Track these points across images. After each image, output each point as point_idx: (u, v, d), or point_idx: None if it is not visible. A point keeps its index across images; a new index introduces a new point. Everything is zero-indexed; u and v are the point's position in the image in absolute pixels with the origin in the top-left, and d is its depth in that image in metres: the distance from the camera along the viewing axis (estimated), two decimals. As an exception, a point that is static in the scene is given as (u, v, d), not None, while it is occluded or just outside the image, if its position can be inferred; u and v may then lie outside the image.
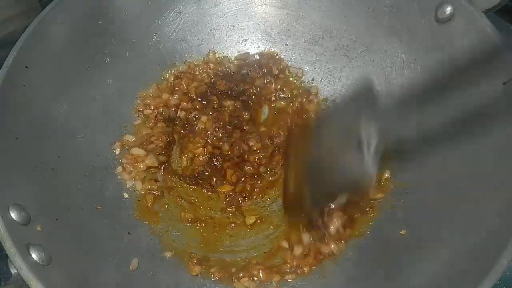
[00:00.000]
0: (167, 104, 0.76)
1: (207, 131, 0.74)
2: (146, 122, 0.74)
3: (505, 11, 0.75)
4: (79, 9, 0.66)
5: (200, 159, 0.72)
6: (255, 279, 0.60)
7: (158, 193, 0.68)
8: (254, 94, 0.79)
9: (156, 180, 0.70)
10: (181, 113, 0.76)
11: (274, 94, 0.80)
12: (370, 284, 0.56)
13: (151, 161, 0.70)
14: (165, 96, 0.76)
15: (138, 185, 0.68)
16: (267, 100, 0.79)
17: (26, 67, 0.58)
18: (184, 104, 0.76)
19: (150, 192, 0.68)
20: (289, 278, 0.60)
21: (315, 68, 0.80)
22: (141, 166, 0.69)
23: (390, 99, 0.50)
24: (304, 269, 0.60)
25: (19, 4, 0.75)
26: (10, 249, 0.44)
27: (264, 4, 0.81)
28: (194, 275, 0.60)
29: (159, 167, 0.71)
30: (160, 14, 0.77)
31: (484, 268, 0.44)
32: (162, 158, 0.71)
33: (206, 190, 0.70)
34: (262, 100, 0.79)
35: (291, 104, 0.79)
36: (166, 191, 0.69)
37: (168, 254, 0.62)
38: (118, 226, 0.62)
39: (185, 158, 0.72)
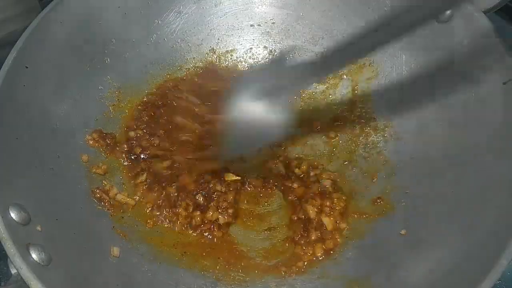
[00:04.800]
0: None
1: None
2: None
3: (505, 11, 0.75)
4: (79, 9, 0.66)
5: None
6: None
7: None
8: None
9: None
10: None
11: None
12: (370, 284, 0.56)
13: None
14: None
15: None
16: None
17: (26, 67, 0.58)
18: None
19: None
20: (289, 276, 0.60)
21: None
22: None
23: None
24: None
25: (19, 4, 0.75)
26: (10, 249, 0.44)
27: (264, 4, 0.81)
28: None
29: None
30: (160, 14, 0.77)
31: (484, 268, 0.44)
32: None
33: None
34: None
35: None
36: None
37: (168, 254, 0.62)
38: (118, 226, 0.62)
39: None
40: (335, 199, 0.65)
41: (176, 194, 0.66)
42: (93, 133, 0.67)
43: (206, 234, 0.64)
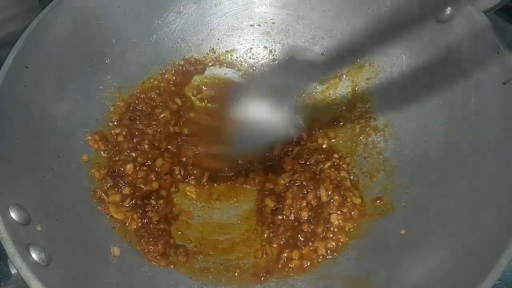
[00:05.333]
0: None
1: None
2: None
3: (505, 11, 0.75)
4: (79, 9, 0.66)
5: None
6: None
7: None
8: None
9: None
10: None
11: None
12: (370, 284, 0.56)
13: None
14: None
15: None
16: None
17: (26, 67, 0.58)
18: None
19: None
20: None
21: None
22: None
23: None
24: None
25: (19, 4, 0.75)
26: (10, 249, 0.44)
27: (264, 4, 0.81)
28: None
29: None
30: (160, 14, 0.77)
31: (484, 268, 0.44)
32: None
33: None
34: None
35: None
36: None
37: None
38: (118, 226, 0.62)
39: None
40: (349, 197, 0.65)
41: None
42: (95, 134, 0.67)
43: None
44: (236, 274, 0.61)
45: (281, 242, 0.63)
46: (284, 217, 0.64)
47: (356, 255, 0.61)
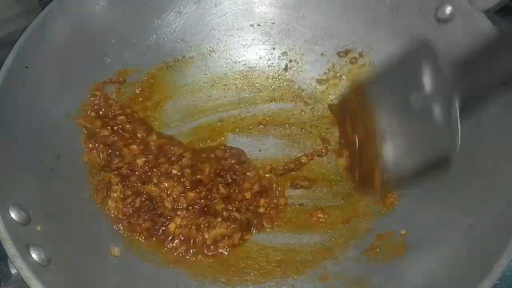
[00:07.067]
0: None
1: None
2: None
3: (505, 11, 0.75)
4: (79, 9, 0.66)
5: None
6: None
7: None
8: None
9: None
10: None
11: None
12: (370, 284, 0.56)
13: None
14: None
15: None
16: None
17: (26, 67, 0.58)
18: None
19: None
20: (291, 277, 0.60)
21: (315, 68, 0.80)
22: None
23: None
24: None
25: (19, 4, 0.75)
26: (10, 249, 0.44)
27: (264, 4, 0.81)
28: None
29: None
30: (160, 14, 0.77)
31: (484, 268, 0.44)
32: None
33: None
34: None
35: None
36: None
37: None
38: (118, 226, 0.62)
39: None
40: None
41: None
42: None
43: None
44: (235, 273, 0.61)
45: None
46: None
47: (356, 255, 0.61)
